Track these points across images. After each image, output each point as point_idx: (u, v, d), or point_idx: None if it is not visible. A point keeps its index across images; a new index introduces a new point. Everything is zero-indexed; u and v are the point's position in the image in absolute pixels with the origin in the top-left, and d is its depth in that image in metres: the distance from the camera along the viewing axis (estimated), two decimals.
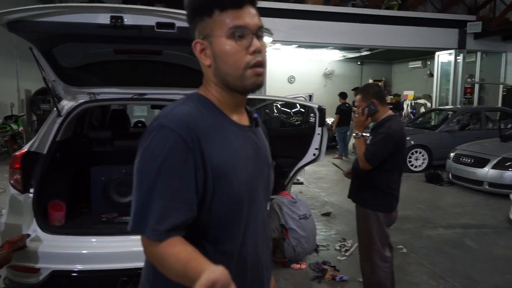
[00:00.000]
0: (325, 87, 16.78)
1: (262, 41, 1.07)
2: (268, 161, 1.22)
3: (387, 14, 11.33)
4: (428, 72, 14.61)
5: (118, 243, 2.78)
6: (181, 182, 0.97)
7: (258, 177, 1.14)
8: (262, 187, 1.17)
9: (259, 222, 1.16)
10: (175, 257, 0.94)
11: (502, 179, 6.39)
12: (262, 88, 1.15)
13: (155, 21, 2.40)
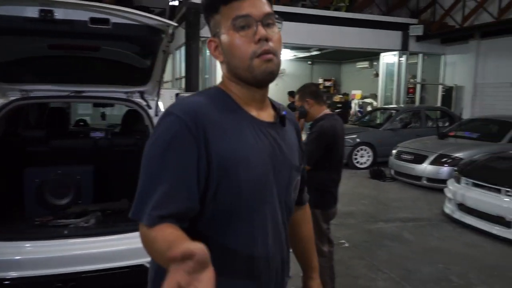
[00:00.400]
0: (277, 86, 16.96)
1: (272, 29, 1.04)
2: (292, 163, 1.15)
3: (335, 15, 11.64)
4: (375, 72, 15.18)
5: (53, 247, 2.68)
6: (182, 170, 0.95)
7: (273, 177, 1.08)
8: (279, 189, 1.10)
9: (269, 224, 1.08)
10: (162, 238, 0.90)
11: (439, 174, 6.77)
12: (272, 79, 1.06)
13: (88, 16, 2.32)
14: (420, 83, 13.17)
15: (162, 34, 2.58)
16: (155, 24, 2.45)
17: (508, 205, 4.55)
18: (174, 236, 0.89)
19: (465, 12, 11.13)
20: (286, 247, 1.21)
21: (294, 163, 1.16)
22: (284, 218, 1.16)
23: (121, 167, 3.67)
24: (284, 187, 1.12)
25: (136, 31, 2.49)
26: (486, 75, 11.31)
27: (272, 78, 1.05)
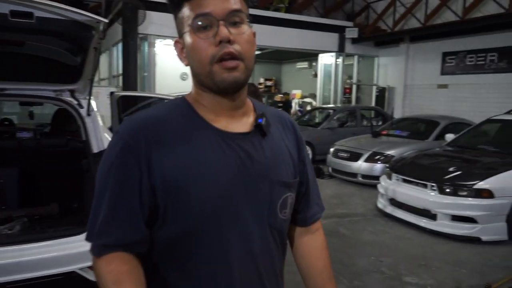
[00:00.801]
0: None
1: (239, 29, 0.90)
2: (273, 178, 0.96)
3: (275, 16, 11.81)
4: (313, 72, 15.60)
5: None
6: (122, 194, 0.87)
7: (243, 197, 0.92)
8: (257, 210, 0.94)
9: (236, 258, 0.91)
10: (104, 276, 0.84)
11: (372, 171, 7.12)
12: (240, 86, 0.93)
13: (8, 9, 2.16)
14: (356, 84, 13.75)
15: (93, 31, 2.47)
16: (85, 20, 2.34)
17: (434, 199, 4.88)
18: (114, 276, 0.84)
19: (396, 17, 11.79)
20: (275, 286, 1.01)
21: (277, 177, 0.97)
22: (271, 246, 0.98)
23: (51, 169, 3.48)
24: (265, 207, 0.95)
25: (64, 26, 2.36)
26: (414, 76, 12.06)
27: (237, 87, 0.92)
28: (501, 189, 4.64)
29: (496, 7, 9.15)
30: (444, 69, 11.22)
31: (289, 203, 1.02)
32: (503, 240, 4.61)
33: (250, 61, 0.92)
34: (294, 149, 1.06)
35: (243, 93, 0.97)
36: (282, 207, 0.99)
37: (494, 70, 10.03)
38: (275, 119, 1.05)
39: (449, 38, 10.84)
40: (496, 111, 7.17)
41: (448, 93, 11.08)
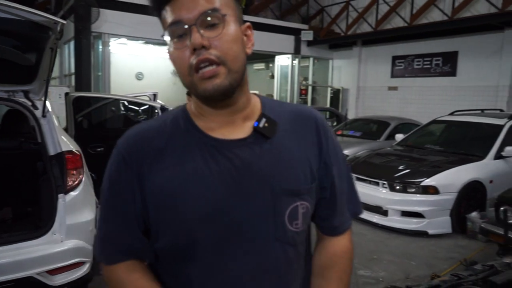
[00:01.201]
0: (175, 85, 16.75)
1: (216, 30, 0.81)
2: (276, 186, 0.86)
3: None
4: (270, 74, 15.82)
5: None
6: (122, 207, 0.89)
7: (240, 209, 0.84)
8: (255, 222, 0.85)
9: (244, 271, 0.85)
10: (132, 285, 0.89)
11: None
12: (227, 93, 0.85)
13: None
14: (311, 85, 14.09)
15: (50, 31, 2.43)
16: (41, 21, 2.30)
17: (385, 196, 5.14)
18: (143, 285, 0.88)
19: (349, 21, 12.22)
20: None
21: (282, 185, 0.87)
22: (281, 262, 0.88)
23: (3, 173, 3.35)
24: (269, 219, 0.86)
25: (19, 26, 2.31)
26: (367, 79, 12.55)
27: (223, 93, 0.83)
28: (446, 185, 4.97)
29: (441, 14, 9.73)
30: (394, 72, 11.76)
31: (301, 213, 0.89)
32: (448, 233, 4.94)
33: (234, 62, 0.83)
34: (313, 151, 0.93)
35: (239, 97, 0.89)
36: (291, 218, 0.88)
37: (439, 73, 10.65)
38: (291, 117, 0.94)
39: (398, 43, 11.38)
40: (441, 112, 7.63)
41: (397, 95, 11.62)
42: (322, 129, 0.96)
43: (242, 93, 0.90)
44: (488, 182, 5.24)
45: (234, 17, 0.85)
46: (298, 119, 0.95)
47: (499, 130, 5.74)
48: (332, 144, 0.97)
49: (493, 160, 5.46)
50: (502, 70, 9.24)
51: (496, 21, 8.86)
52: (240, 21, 0.88)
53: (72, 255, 2.75)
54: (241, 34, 0.87)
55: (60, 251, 2.71)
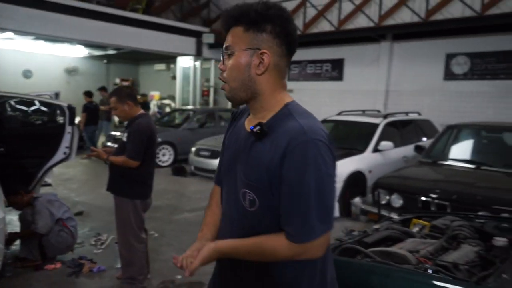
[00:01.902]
0: (69, 84, 15.86)
1: (230, 59, 1.26)
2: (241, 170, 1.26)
3: (132, 16, 11.71)
4: (172, 74, 15.85)
5: None
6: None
7: (231, 170, 1.33)
8: (232, 183, 1.30)
9: (227, 193, 1.37)
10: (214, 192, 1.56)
11: None
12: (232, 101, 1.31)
13: None
14: (213, 87, 14.48)
15: None
16: None
17: None
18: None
19: None
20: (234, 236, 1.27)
21: (243, 173, 1.24)
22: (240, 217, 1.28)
23: None
24: (236, 188, 1.28)
25: None
26: None
27: (231, 101, 1.31)
28: None
29: (329, 25, 10.81)
30: (290, 75, 12.69)
31: (248, 199, 1.23)
32: (336, 217, 5.67)
33: (232, 82, 1.26)
34: (275, 164, 1.17)
35: (254, 104, 1.29)
36: (243, 197, 1.25)
37: (329, 78, 11.80)
38: (281, 136, 1.18)
39: None
40: (330, 113, 8.54)
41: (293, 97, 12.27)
42: (289, 151, 1.15)
43: (256, 102, 1.29)
44: (368, 172, 6.12)
45: (244, 49, 1.23)
46: (284, 137, 1.18)
47: (376, 128, 6.70)
48: (291, 166, 1.15)
49: (372, 153, 6.38)
50: (379, 76, 10.61)
51: (373, 34, 10.17)
52: (253, 50, 1.23)
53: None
54: (246, 61, 1.24)
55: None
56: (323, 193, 1.16)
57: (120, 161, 3.13)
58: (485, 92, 9.02)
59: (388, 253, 2.25)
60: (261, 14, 1.21)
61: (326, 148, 1.17)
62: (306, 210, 1.15)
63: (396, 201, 4.68)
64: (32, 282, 3.51)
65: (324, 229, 1.17)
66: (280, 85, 1.30)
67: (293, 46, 1.28)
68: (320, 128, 1.20)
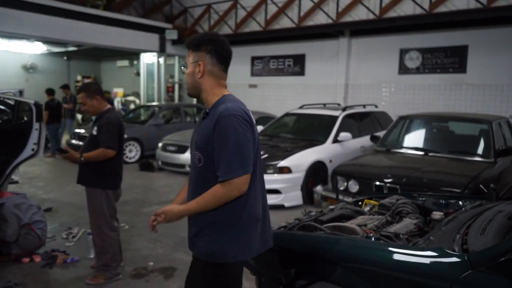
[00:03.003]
0: (27, 82, 15.45)
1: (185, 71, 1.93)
2: (195, 139, 1.89)
3: (93, 12, 11.60)
4: (135, 71, 15.76)
5: None
6: None
7: (192, 143, 1.92)
8: (192, 148, 1.91)
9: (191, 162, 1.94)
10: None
11: None
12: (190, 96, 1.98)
13: None
14: (178, 83, 14.54)
15: None
16: None
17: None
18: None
19: (211, 23, 13.01)
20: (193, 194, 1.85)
21: (196, 140, 1.89)
22: (197, 177, 1.87)
23: None
24: (193, 150, 1.90)
25: None
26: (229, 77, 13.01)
27: (189, 95, 1.97)
28: (296, 165, 6.03)
29: (290, 21, 11.15)
30: (253, 71, 12.97)
31: (197, 158, 1.86)
32: (300, 205, 6.01)
33: (188, 84, 1.92)
34: (211, 130, 1.79)
35: (204, 98, 1.90)
36: (195, 157, 1.88)
37: (291, 73, 12.16)
38: (215, 113, 1.80)
39: (256, 45, 12.59)
40: (293, 106, 8.89)
41: (257, 92, 12.86)
42: (216, 122, 1.78)
43: (203, 96, 1.91)
44: (329, 162, 6.49)
45: (191, 63, 1.90)
46: (216, 114, 1.80)
47: (335, 120, 7.08)
48: (217, 131, 1.77)
49: (332, 144, 6.76)
50: (339, 71, 11.07)
51: (332, 30, 10.59)
52: (195, 63, 1.89)
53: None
54: (192, 71, 1.90)
55: None
56: (240, 146, 1.75)
57: (95, 154, 3.27)
58: (435, 85, 9.65)
59: (339, 227, 2.57)
60: (198, 40, 1.88)
61: (242, 119, 1.78)
62: (229, 158, 1.74)
63: (353, 187, 5.06)
64: (5, 274, 3.61)
65: (243, 171, 1.75)
66: (217, 84, 1.91)
67: (223, 57, 1.90)
68: (240, 108, 1.81)
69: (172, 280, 3.64)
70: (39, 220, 4.02)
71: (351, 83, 11.03)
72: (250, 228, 1.86)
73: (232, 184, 1.74)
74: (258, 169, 1.90)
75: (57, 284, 3.55)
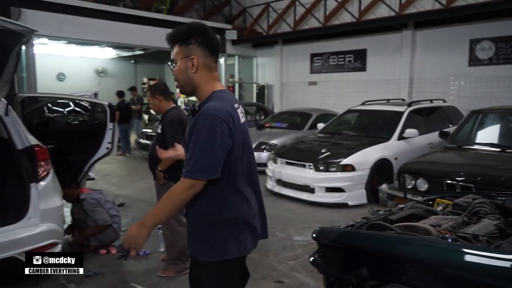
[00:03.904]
0: (99, 85, 16.47)
1: (174, 69, 1.81)
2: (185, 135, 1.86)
3: (157, 17, 12.10)
4: None
5: None
6: None
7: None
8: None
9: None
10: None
11: (260, 159, 8.03)
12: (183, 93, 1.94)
13: None
14: (238, 82, 14.77)
15: (24, 38, 2.75)
16: (19, 29, 2.62)
17: (311, 176, 5.94)
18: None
19: (270, 21, 13.06)
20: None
21: (185, 138, 1.85)
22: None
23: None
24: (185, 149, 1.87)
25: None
26: (289, 75, 13.50)
27: (181, 93, 1.91)
28: (360, 163, 5.89)
29: (350, 16, 10.90)
30: (313, 68, 12.84)
31: (187, 158, 1.75)
32: (364, 203, 5.86)
33: (180, 81, 1.81)
34: (192, 128, 1.74)
35: (197, 94, 1.82)
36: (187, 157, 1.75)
37: (352, 69, 11.89)
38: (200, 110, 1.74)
39: (315, 42, 12.45)
40: (354, 103, 8.67)
41: (317, 89, 12.72)
42: (197, 120, 1.71)
43: (197, 93, 1.83)
44: (394, 159, 6.27)
45: (181, 58, 1.78)
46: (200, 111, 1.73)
47: (400, 115, 6.82)
48: (195, 128, 1.70)
49: (397, 141, 6.52)
50: (402, 65, 10.64)
51: (394, 23, 10.20)
52: (186, 58, 1.77)
53: (47, 237, 3.08)
54: (184, 66, 1.78)
55: (36, 233, 3.04)
56: (211, 149, 1.66)
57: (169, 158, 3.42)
58: (511, 77, 8.95)
59: (411, 227, 2.46)
60: (184, 33, 1.76)
61: (221, 122, 1.66)
62: (197, 158, 1.67)
63: (422, 185, 4.84)
64: (85, 264, 3.88)
65: (208, 175, 1.68)
66: (210, 77, 1.82)
67: (214, 47, 1.82)
68: (224, 108, 1.70)
69: None
70: (115, 214, 4.29)
71: (416, 77, 10.56)
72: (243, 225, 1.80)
73: (186, 182, 1.70)
74: (245, 167, 1.82)
75: (131, 275, 3.76)
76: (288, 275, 3.71)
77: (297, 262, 3.98)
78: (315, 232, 2.61)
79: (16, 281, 3.37)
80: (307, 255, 4.06)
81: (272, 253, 4.20)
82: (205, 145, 1.65)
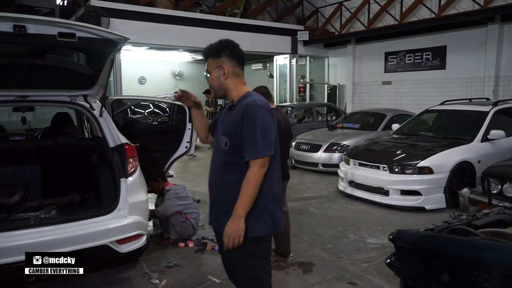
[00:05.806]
0: (176, 88, 17.31)
1: (209, 77, 2.20)
2: (222, 126, 2.17)
3: (231, 21, 12.47)
4: (269, 73, 16.42)
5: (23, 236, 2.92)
6: None
7: (218, 129, 2.22)
8: (218, 133, 2.20)
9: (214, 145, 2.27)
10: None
11: (332, 160, 7.99)
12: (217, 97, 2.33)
13: (57, 31, 2.67)
14: (309, 83, 14.73)
15: (118, 46, 3.03)
16: (114, 38, 2.90)
17: (386, 178, 5.78)
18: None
19: (342, 21, 12.86)
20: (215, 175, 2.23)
21: (223, 128, 2.17)
22: (221, 161, 2.17)
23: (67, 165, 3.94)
24: (219, 135, 2.19)
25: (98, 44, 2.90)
26: (361, 75, 13.19)
27: (216, 97, 2.34)
28: (438, 166, 5.62)
29: (428, 12, 10.39)
30: (387, 67, 12.42)
31: (223, 141, 2.13)
32: (442, 208, 5.58)
33: (214, 87, 2.20)
34: (238, 119, 2.07)
35: (229, 96, 2.19)
36: (221, 141, 2.15)
37: (430, 67, 11.32)
38: (242, 105, 2.09)
39: (390, 40, 12.03)
40: (431, 103, 8.28)
41: (391, 89, 12.28)
42: (244, 111, 2.06)
43: (229, 95, 2.20)
44: (477, 162, 5.89)
45: (214, 68, 2.17)
46: (242, 107, 2.08)
47: (485, 116, 6.38)
48: (245, 118, 2.05)
49: (480, 143, 6.11)
50: (487, 62, 9.91)
51: (479, 17, 9.54)
52: (218, 68, 2.16)
53: (134, 228, 3.34)
54: (217, 75, 2.16)
55: (126, 224, 3.30)
56: (265, 132, 2.04)
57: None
58: None
59: (498, 233, 2.33)
60: (216, 48, 2.16)
61: (266, 110, 2.07)
62: (255, 140, 2.02)
63: (509, 190, 4.51)
64: (167, 255, 4.15)
65: (267, 152, 2.04)
66: (240, 82, 2.19)
67: (241, 58, 2.20)
68: (264, 101, 2.11)
69: (310, 275, 3.74)
70: (193, 211, 4.53)
71: (503, 75, 9.79)
72: (274, 205, 2.16)
73: (258, 163, 2.02)
74: (277, 155, 2.16)
75: (208, 268, 3.95)
76: (362, 277, 3.66)
77: (371, 265, 3.91)
78: (392, 234, 2.57)
79: (105, 267, 3.71)
80: (380, 258, 3.99)
81: (345, 254, 4.17)
82: (260, 128, 2.02)
